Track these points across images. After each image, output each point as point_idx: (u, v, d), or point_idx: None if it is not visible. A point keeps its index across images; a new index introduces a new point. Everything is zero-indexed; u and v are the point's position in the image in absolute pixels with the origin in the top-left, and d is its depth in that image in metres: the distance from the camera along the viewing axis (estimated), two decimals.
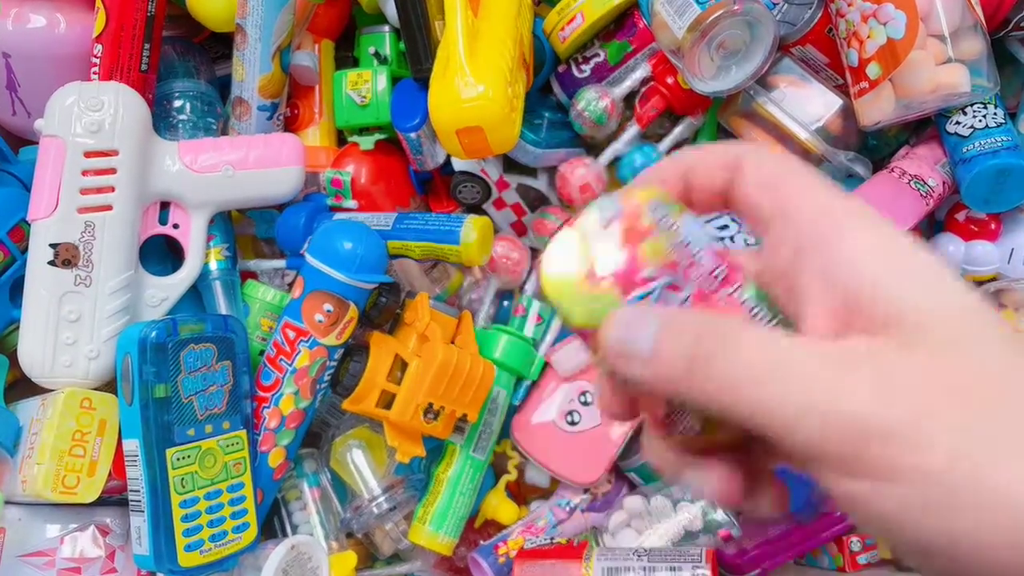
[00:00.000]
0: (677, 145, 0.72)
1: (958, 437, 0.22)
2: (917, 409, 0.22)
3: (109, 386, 0.61)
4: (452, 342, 0.69)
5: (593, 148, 0.73)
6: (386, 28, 0.76)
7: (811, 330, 0.26)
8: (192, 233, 0.66)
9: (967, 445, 0.22)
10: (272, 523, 0.70)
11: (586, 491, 0.71)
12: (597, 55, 0.71)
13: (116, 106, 0.61)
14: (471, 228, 0.65)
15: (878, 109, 0.61)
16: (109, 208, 0.61)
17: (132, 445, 0.58)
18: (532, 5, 0.70)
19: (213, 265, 0.68)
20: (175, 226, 0.66)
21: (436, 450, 0.71)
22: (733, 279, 0.28)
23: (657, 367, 0.26)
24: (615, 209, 0.29)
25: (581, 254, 0.29)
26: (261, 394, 0.64)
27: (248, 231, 0.75)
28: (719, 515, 0.66)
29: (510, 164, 0.74)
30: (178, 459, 0.58)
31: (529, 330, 0.73)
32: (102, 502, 0.61)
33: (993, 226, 0.65)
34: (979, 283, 0.65)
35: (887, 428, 0.22)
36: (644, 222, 0.29)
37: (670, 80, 0.68)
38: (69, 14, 0.67)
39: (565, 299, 0.28)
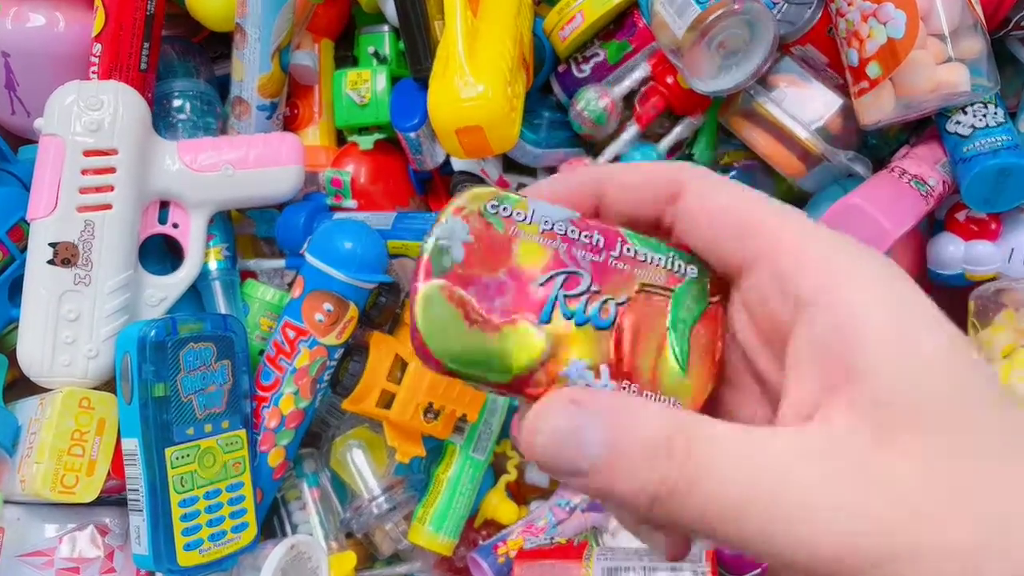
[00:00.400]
0: (677, 145, 0.72)
1: (968, 560, 0.20)
2: (921, 530, 0.20)
3: (108, 385, 0.61)
4: None
5: (593, 148, 0.73)
6: (385, 28, 0.76)
7: (794, 412, 0.22)
8: (192, 232, 0.66)
9: (977, 565, 0.19)
10: (271, 523, 0.69)
11: None
12: (597, 55, 0.71)
13: (115, 105, 0.61)
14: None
15: (878, 108, 0.61)
16: (108, 207, 0.61)
17: (131, 444, 0.58)
18: (532, 5, 0.70)
19: (213, 264, 0.68)
20: (175, 225, 0.66)
21: (436, 450, 0.71)
22: (611, 238, 0.26)
23: (610, 492, 0.22)
24: (457, 229, 0.25)
25: (450, 297, 0.24)
26: (261, 394, 0.64)
27: (248, 231, 0.75)
28: None
29: (510, 164, 0.74)
30: (177, 458, 0.58)
31: None
32: (101, 502, 0.61)
33: (993, 226, 0.65)
34: (979, 283, 0.65)
35: (891, 554, 0.20)
36: (498, 228, 0.25)
37: (670, 80, 0.68)
38: (68, 13, 0.67)
39: (451, 351, 0.24)
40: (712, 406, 0.27)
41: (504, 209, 0.25)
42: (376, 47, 0.76)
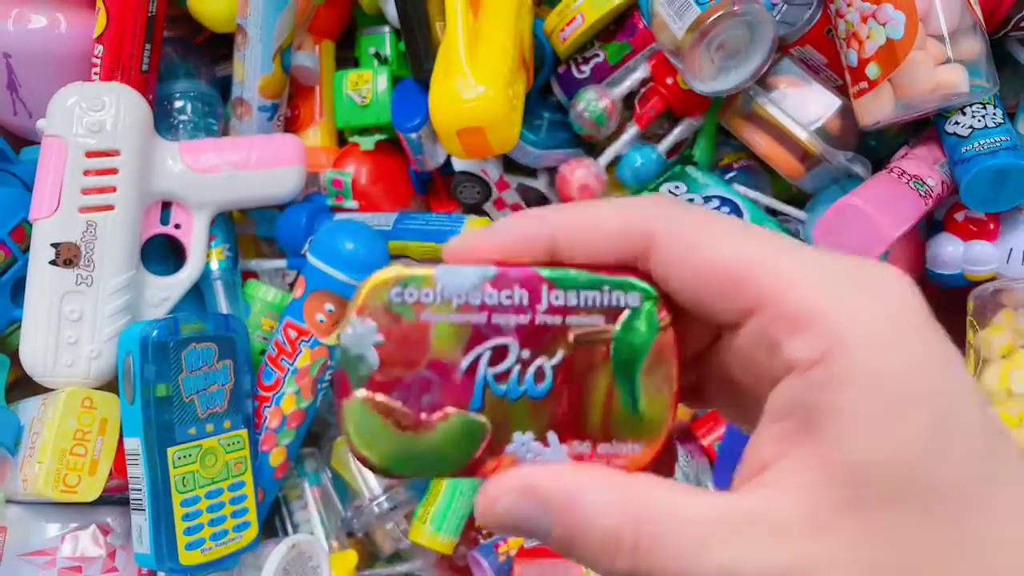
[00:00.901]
0: (677, 145, 0.72)
1: None
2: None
3: (110, 385, 0.62)
4: None
5: (593, 148, 0.74)
6: (386, 29, 0.76)
7: (748, 469, 0.21)
8: (194, 233, 0.66)
9: None
10: (273, 522, 0.70)
11: None
12: (597, 56, 0.71)
13: (117, 106, 0.62)
14: (471, 228, 0.65)
15: (877, 109, 0.61)
16: (111, 208, 0.61)
17: (133, 444, 0.58)
18: (532, 6, 0.70)
19: (214, 265, 0.68)
20: (176, 226, 0.66)
21: None
22: (535, 289, 0.24)
23: (571, 541, 0.22)
24: (364, 334, 0.23)
25: (374, 407, 0.23)
26: (262, 393, 0.64)
27: (249, 231, 0.76)
28: None
29: (510, 164, 0.74)
30: (179, 458, 0.58)
31: None
32: (103, 501, 0.61)
33: (992, 226, 0.65)
34: (978, 283, 0.65)
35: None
36: (408, 319, 0.23)
37: (670, 81, 0.68)
38: (70, 14, 0.67)
39: (389, 459, 0.23)
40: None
41: (410, 294, 0.23)
42: (377, 48, 0.77)
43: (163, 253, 0.68)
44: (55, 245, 0.60)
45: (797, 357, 0.20)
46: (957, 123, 0.62)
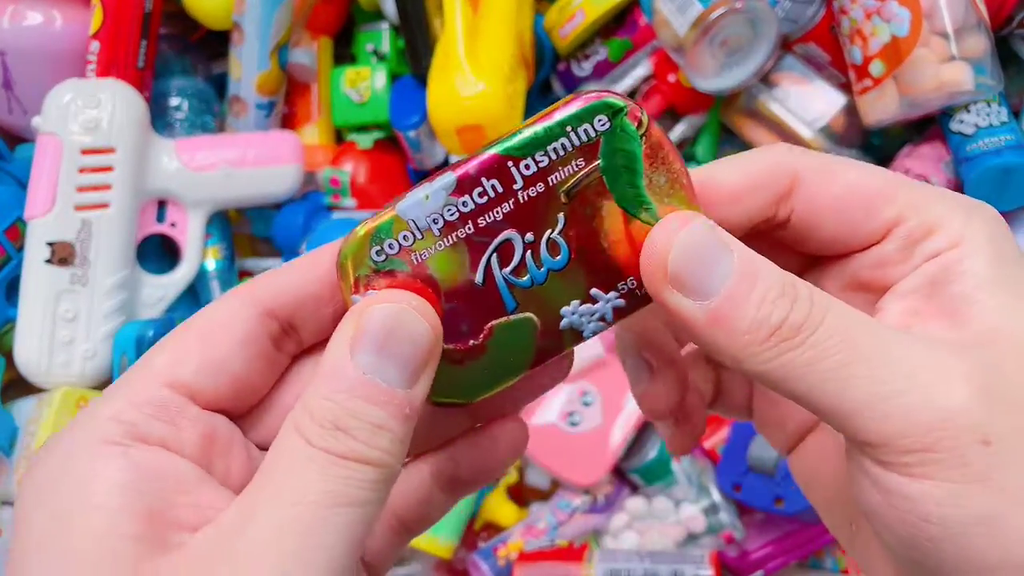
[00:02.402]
0: (679, 143, 0.71)
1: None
2: (1018, 422, 0.21)
3: (106, 385, 0.61)
4: None
5: None
6: (385, 25, 0.76)
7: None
8: (190, 232, 0.65)
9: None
10: None
11: (587, 493, 0.71)
12: (598, 52, 0.71)
13: (113, 103, 0.61)
14: None
15: (882, 107, 0.61)
16: (106, 206, 0.61)
17: None
18: (532, 2, 0.69)
19: (211, 264, 0.67)
20: (172, 224, 0.65)
21: None
22: (503, 171, 0.22)
23: (727, 322, 0.22)
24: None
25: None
26: None
27: (246, 230, 0.75)
28: (722, 517, 0.66)
29: None
30: None
31: None
32: None
33: None
34: None
35: (983, 436, 0.20)
36: (404, 269, 0.23)
37: (672, 78, 0.68)
38: (65, 11, 0.67)
39: (463, 392, 0.24)
40: None
41: (389, 246, 0.23)
42: (375, 44, 0.76)
43: (159, 252, 0.68)
44: (50, 244, 0.60)
45: (938, 247, 0.23)
46: (962, 121, 0.62)
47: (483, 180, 0.22)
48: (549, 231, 0.23)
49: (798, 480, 0.29)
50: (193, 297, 0.68)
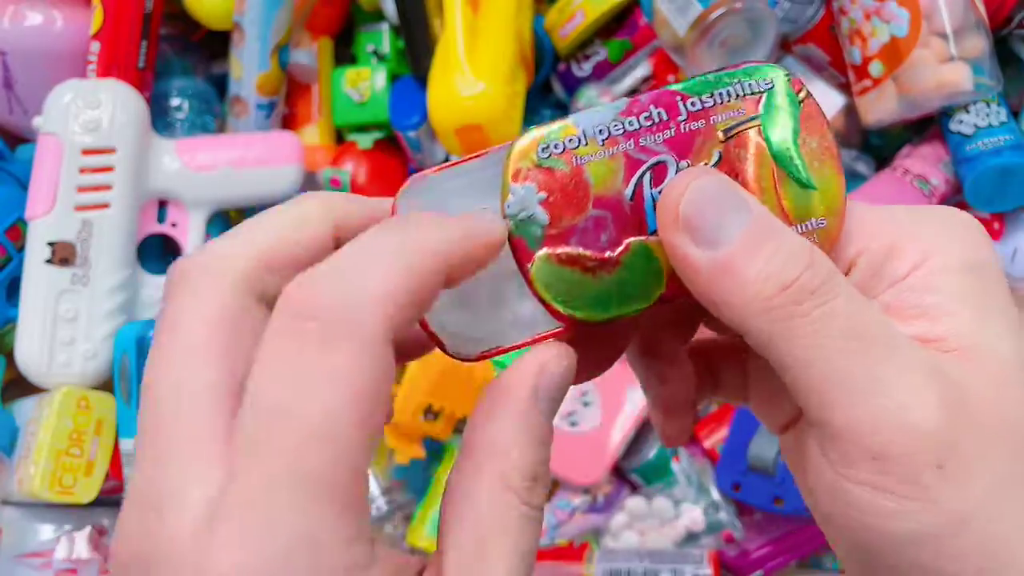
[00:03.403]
0: None
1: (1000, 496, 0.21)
2: (977, 444, 0.21)
3: (106, 386, 0.61)
4: None
5: None
6: (385, 25, 0.76)
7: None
8: (190, 232, 0.66)
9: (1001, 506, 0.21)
10: None
11: (587, 492, 0.71)
12: (598, 53, 0.71)
13: (114, 104, 0.61)
14: None
15: (881, 107, 0.61)
16: (107, 206, 0.61)
17: (130, 445, 0.58)
18: (532, 2, 0.69)
19: None
20: (173, 225, 0.65)
21: (436, 451, 0.71)
22: (671, 103, 0.24)
23: (726, 269, 0.22)
24: (525, 195, 0.24)
25: (559, 261, 0.24)
26: None
27: None
28: (722, 516, 0.66)
29: None
30: None
31: None
32: (99, 502, 0.61)
33: (996, 225, 0.64)
34: None
35: (939, 460, 0.21)
36: (562, 168, 0.24)
37: (671, 78, 0.68)
38: (66, 11, 0.67)
39: (591, 307, 0.24)
40: None
41: (556, 146, 0.24)
42: (375, 45, 0.76)
43: (159, 252, 0.68)
44: (51, 244, 0.60)
45: (902, 271, 0.23)
46: (961, 121, 0.62)
47: (652, 107, 0.24)
48: (704, 163, 0.24)
49: (787, 460, 0.29)
50: None
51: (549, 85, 0.74)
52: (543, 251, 0.24)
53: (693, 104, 0.24)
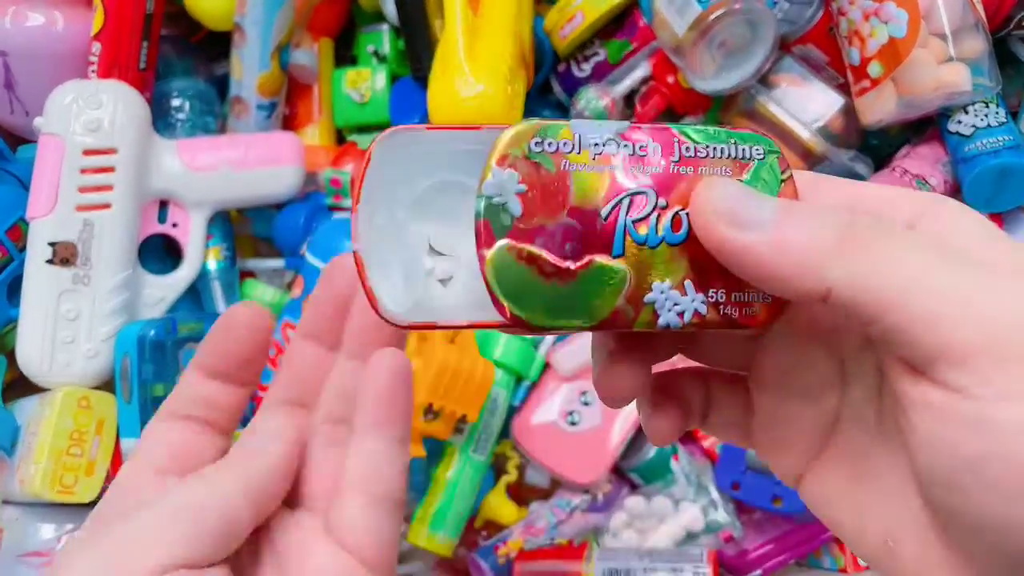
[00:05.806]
0: None
1: None
2: None
3: (107, 385, 0.61)
4: (452, 342, 0.69)
5: None
6: (385, 26, 0.76)
7: None
8: (191, 232, 0.66)
9: None
10: None
11: (586, 491, 0.71)
12: (597, 54, 0.71)
13: (115, 104, 0.61)
14: None
15: (880, 108, 0.61)
16: (108, 207, 0.61)
17: (131, 444, 0.58)
18: (532, 3, 0.70)
19: (212, 264, 0.67)
20: (174, 225, 0.66)
21: (436, 450, 0.71)
22: (668, 141, 0.24)
23: (783, 240, 0.22)
24: (506, 181, 0.23)
25: (519, 256, 0.23)
26: (260, 394, 0.64)
27: (247, 230, 0.75)
28: (721, 516, 0.66)
29: None
30: None
31: None
32: None
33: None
34: None
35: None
36: (549, 168, 0.24)
37: (671, 79, 0.68)
38: (67, 12, 0.67)
39: (534, 309, 0.24)
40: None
41: (549, 144, 0.24)
42: (376, 46, 0.76)
43: (160, 252, 0.68)
44: (52, 244, 0.60)
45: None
46: (959, 122, 0.62)
47: (650, 138, 0.24)
48: (681, 207, 0.24)
49: (815, 509, 0.28)
50: (194, 298, 0.68)
51: (549, 86, 0.74)
52: (505, 241, 0.23)
53: (688, 150, 0.24)
